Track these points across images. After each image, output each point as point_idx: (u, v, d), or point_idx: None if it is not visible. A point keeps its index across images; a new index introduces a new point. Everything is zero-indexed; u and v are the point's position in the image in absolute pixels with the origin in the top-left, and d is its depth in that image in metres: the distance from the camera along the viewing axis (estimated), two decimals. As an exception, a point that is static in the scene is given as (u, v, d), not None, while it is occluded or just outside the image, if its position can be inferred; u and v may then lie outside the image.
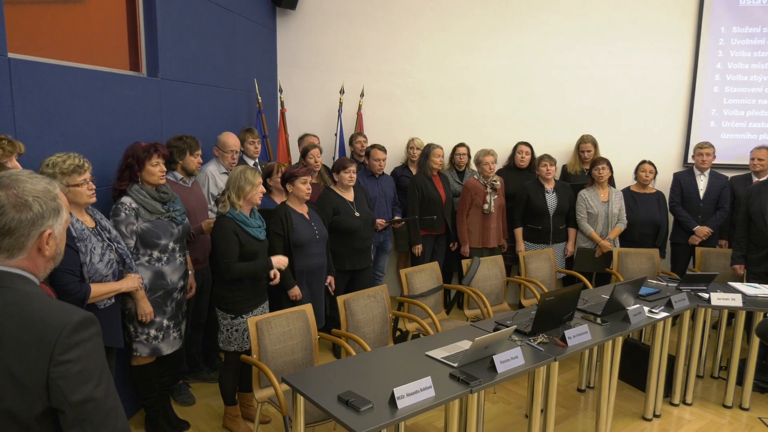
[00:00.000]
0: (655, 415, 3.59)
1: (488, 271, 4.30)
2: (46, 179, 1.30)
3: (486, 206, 4.67)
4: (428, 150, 4.81)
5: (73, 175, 2.50)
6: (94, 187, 2.62)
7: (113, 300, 2.69)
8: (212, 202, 3.80)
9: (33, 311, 1.20)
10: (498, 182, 4.75)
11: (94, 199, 2.63)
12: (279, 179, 3.68)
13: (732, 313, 3.76)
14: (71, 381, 1.16)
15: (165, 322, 3.09)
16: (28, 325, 1.18)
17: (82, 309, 1.25)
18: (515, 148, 5.21)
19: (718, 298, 3.61)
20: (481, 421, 3.05)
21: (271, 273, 3.24)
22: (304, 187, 3.48)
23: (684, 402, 3.76)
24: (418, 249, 4.80)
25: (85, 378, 1.18)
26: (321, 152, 4.49)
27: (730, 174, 4.91)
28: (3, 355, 1.16)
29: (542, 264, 4.57)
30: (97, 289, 2.55)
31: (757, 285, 3.90)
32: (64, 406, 1.17)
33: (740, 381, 3.72)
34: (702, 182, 4.81)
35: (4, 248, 1.23)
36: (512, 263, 4.97)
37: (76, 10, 3.25)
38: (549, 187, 4.75)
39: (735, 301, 3.59)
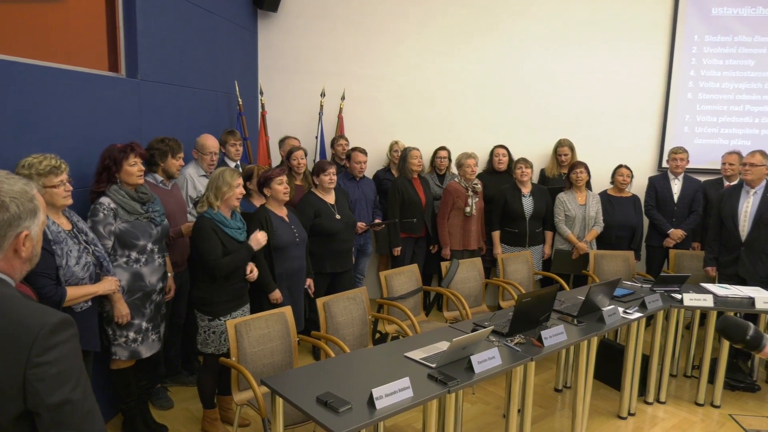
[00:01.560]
0: (630, 414, 3.66)
1: (467, 273, 4.35)
2: (24, 180, 1.29)
3: (467, 209, 4.72)
4: (405, 153, 4.85)
5: (49, 176, 2.48)
6: (70, 188, 2.59)
7: (90, 303, 2.67)
8: (191, 205, 3.79)
9: (9, 313, 1.19)
10: (479, 185, 4.81)
11: (70, 201, 2.61)
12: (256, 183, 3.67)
13: (704, 313, 3.85)
14: (48, 383, 1.16)
15: (144, 324, 3.07)
16: (4, 327, 1.17)
17: (59, 311, 1.24)
18: (492, 151, 5.28)
19: (690, 299, 3.70)
20: (460, 422, 3.09)
21: (248, 268, 3.23)
22: (281, 187, 3.48)
23: (658, 400, 3.84)
24: (397, 250, 4.83)
25: (62, 380, 1.17)
26: (306, 154, 4.49)
27: (703, 178, 5.03)
28: None
29: (520, 266, 4.63)
30: (73, 292, 2.53)
31: (727, 286, 4.01)
32: (40, 408, 1.16)
33: (712, 379, 3.81)
34: (676, 186, 4.91)
35: None
36: (491, 266, 5.03)
37: (54, 9, 3.22)
38: (526, 191, 4.81)
39: (706, 301, 3.68)
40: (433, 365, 2.58)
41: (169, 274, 3.36)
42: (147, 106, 3.74)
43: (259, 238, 3.24)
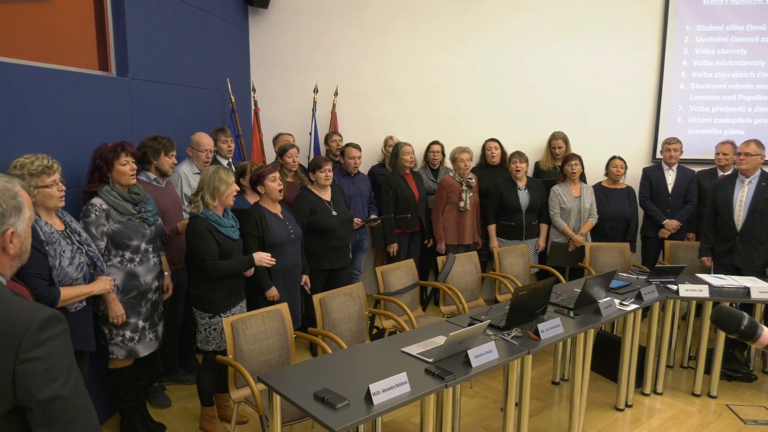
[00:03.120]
0: (627, 405, 3.67)
1: (463, 267, 4.35)
2: (6, 178, 1.29)
3: (462, 204, 4.72)
4: (397, 149, 4.84)
5: (41, 176, 2.46)
6: (64, 188, 2.58)
7: (84, 303, 2.66)
8: (186, 203, 3.77)
9: None
10: (473, 180, 4.80)
11: (62, 203, 2.59)
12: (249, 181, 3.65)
13: (700, 303, 3.86)
14: (38, 378, 1.16)
15: (140, 323, 3.06)
16: None
17: (49, 307, 1.24)
18: (484, 145, 5.28)
19: (686, 290, 3.71)
20: (458, 416, 3.09)
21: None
22: (274, 184, 3.46)
23: (655, 392, 3.85)
24: (393, 248, 4.82)
25: (52, 376, 1.18)
26: (299, 151, 4.48)
27: (696, 168, 5.04)
28: None
29: (516, 260, 4.63)
30: (66, 293, 2.52)
31: (723, 276, 4.02)
32: (31, 403, 1.16)
33: (708, 370, 3.83)
34: (670, 177, 4.92)
35: None
36: (487, 260, 5.03)
37: (42, 9, 3.19)
38: (521, 184, 4.81)
39: (702, 292, 3.69)
40: (431, 360, 2.58)
41: (166, 273, 3.34)
42: (138, 104, 3.71)
43: (264, 259, 3.22)
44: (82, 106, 3.17)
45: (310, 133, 5.53)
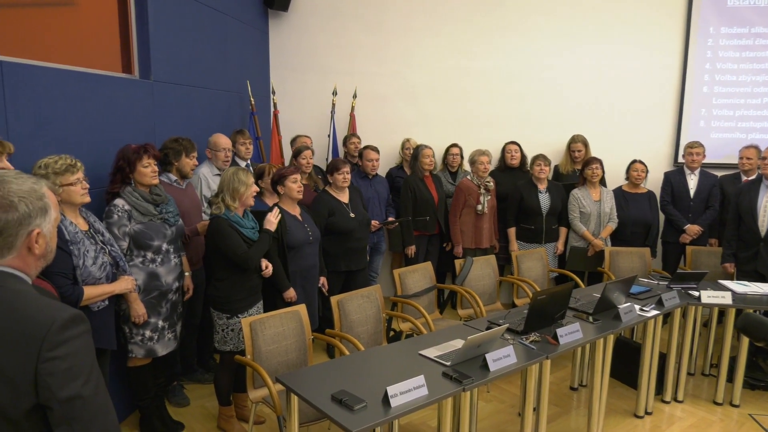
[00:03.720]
0: (646, 413, 3.62)
1: (481, 270, 4.33)
2: (33, 179, 1.31)
3: (479, 207, 4.70)
4: (417, 151, 4.85)
5: (65, 174, 2.51)
6: (87, 186, 2.62)
7: (107, 302, 2.69)
8: (205, 204, 3.81)
9: (22, 308, 1.21)
10: (491, 183, 4.78)
11: (87, 199, 2.63)
12: (270, 181, 3.68)
13: (722, 310, 3.80)
14: (59, 378, 1.18)
15: (160, 323, 3.09)
16: (18, 322, 1.19)
17: (71, 307, 1.26)
18: (504, 147, 5.25)
19: (708, 296, 3.65)
20: (475, 420, 3.07)
21: (262, 264, 3.25)
22: (295, 186, 3.49)
23: (675, 399, 3.79)
24: (411, 250, 4.82)
25: (73, 375, 1.19)
26: (313, 154, 4.50)
27: (719, 173, 4.96)
28: None
29: (535, 263, 4.60)
30: (90, 292, 2.56)
31: (746, 283, 3.94)
32: (52, 402, 1.18)
33: (731, 378, 3.76)
34: (692, 181, 4.85)
35: None
36: (505, 263, 5.00)
37: (67, 12, 3.26)
38: (542, 187, 4.78)
39: (725, 299, 3.62)
40: (448, 363, 2.57)
41: (186, 274, 3.38)
42: (160, 106, 3.76)
43: (271, 219, 3.25)
44: (106, 107, 3.22)
45: (329, 135, 5.56)
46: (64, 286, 2.45)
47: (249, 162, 4.41)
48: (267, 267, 3.27)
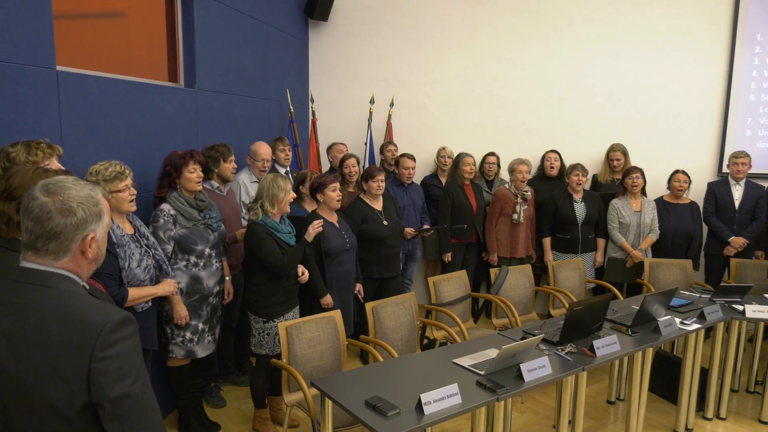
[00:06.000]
0: (687, 429, 3.52)
1: (516, 280, 4.29)
2: (90, 186, 1.37)
3: (515, 216, 4.67)
4: (458, 159, 4.86)
5: (114, 181, 2.61)
6: (135, 192, 2.72)
7: (150, 303, 2.79)
8: (244, 210, 3.89)
9: (76, 310, 1.27)
10: (529, 192, 4.74)
11: (134, 208, 2.73)
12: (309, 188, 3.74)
13: (768, 326, 3.67)
14: (110, 377, 1.23)
15: (200, 325, 3.18)
16: (72, 323, 1.25)
17: (121, 309, 1.31)
18: (544, 156, 5.20)
19: (753, 311, 3.54)
20: (508, 430, 3.05)
21: (299, 270, 3.30)
22: (334, 194, 3.54)
23: (718, 416, 3.68)
24: (448, 257, 4.82)
25: (123, 374, 1.25)
26: (358, 162, 4.54)
27: (766, 184, 4.80)
28: (48, 351, 1.23)
29: (571, 274, 4.53)
30: (134, 293, 2.65)
31: (794, 298, 3.81)
32: (103, 400, 1.24)
33: (777, 396, 3.63)
34: (737, 192, 4.71)
35: (50, 251, 1.30)
36: (541, 273, 4.94)
37: (118, 23, 3.40)
38: (577, 196, 4.72)
39: (771, 314, 3.51)
40: (482, 372, 2.57)
41: (227, 278, 3.46)
42: (204, 114, 3.88)
43: (310, 231, 3.30)
44: (152, 115, 3.34)
45: (366, 143, 5.61)
46: (110, 287, 2.54)
47: (288, 169, 4.49)
48: (303, 273, 3.32)
